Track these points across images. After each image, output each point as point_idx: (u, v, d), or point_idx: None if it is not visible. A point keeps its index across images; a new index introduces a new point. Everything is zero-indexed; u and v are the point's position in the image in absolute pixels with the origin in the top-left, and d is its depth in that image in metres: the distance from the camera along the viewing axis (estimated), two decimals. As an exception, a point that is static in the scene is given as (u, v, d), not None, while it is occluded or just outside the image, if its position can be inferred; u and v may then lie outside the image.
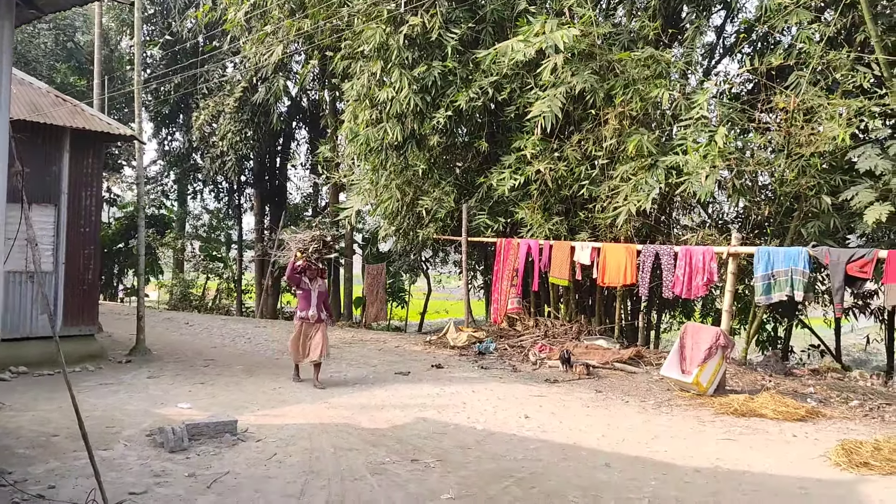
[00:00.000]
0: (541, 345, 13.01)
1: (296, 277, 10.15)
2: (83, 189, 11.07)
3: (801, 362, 17.20)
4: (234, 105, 23.16)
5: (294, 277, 10.16)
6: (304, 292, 10.16)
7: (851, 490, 6.01)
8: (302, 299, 10.19)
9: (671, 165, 12.24)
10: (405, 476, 6.19)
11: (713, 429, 8.15)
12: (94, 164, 11.31)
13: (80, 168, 11.10)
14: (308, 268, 10.12)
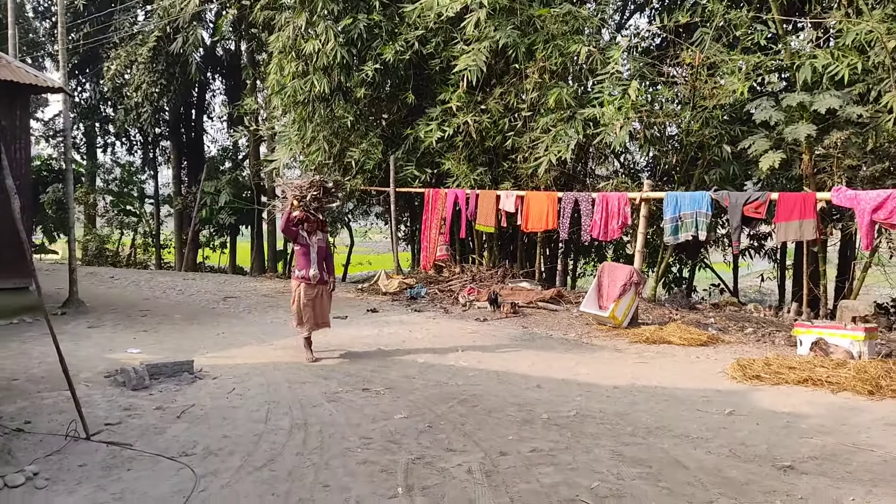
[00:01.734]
0: (469, 288, 13.79)
1: (292, 230, 8.57)
2: (12, 142, 10.96)
3: (703, 299, 18.69)
4: (149, 55, 22.59)
5: (290, 230, 8.58)
6: (303, 248, 8.60)
7: (745, 397, 7.06)
8: (300, 256, 8.65)
9: (588, 117, 13.06)
10: (359, 402, 6.81)
11: (627, 355, 9.15)
12: (23, 118, 11.18)
13: (9, 121, 10.96)
14: (306, 219, 8.58)
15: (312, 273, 8.55)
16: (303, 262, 8.61)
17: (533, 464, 5.15)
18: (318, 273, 8.59)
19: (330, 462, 5.17)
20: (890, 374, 7.18)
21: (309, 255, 8.57)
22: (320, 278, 8.63)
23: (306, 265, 8.58)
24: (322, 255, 8.67)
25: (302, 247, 8.61)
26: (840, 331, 8.76)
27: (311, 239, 8.59)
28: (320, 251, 8.65)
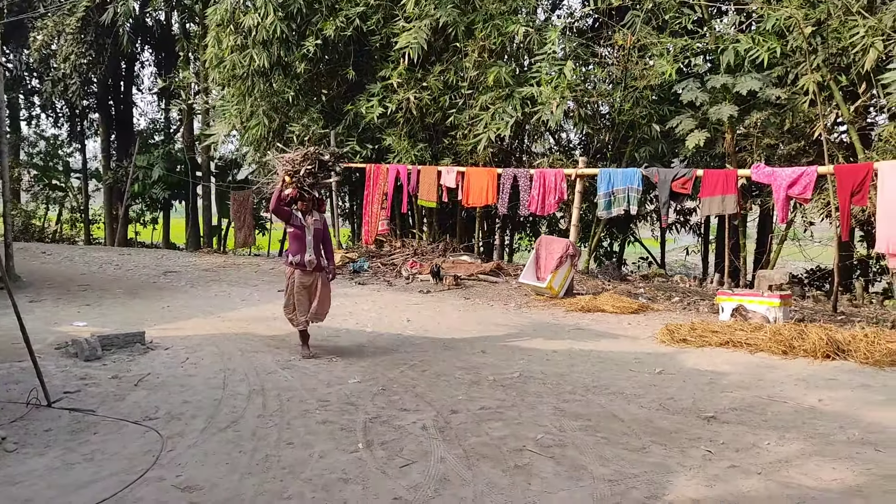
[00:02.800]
0: (412, 261, 14.14)
1: (283, 210, 7.44)
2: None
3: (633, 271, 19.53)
4: (77, 25, 21.89)
5: (281, 210, 7.43)
6: (296, 230, 7.51)
7: (673, 357, 7.65)
8: (293, 240, 7.54)
9: (526, 96, 13.48)
10: (313, 369, 7.09)
11: (565, 322, 9.69)
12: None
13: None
14: (301, 197, 7.51)
15: (308, 259, 7.46)
16: (296, 247, 7.50)
17: (482, 420, 5.55)
18: (315, 259, 7.50)
19: (291, 422, 5.45)
20: (802, 336, 7.87)
21: (304, 239, 7.47)
22: (317, 264, 7.54)
23: (300, 250, 7.48)
24: (319, 238, 7.57)
25: (296, 229, 7.49)
26: (758, 298, 9.48)
27: (306, 220, 7.51)
28: (317, 234, 7.53)
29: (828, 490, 4.31)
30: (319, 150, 7.70)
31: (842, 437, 5.27)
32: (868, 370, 7.21)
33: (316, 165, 7.53)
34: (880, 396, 6.33)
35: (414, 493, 4.18)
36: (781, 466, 4.68)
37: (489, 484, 4.36)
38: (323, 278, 7.66)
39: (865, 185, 9.22)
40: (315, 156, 7.57)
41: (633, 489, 4.30)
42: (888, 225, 8.90)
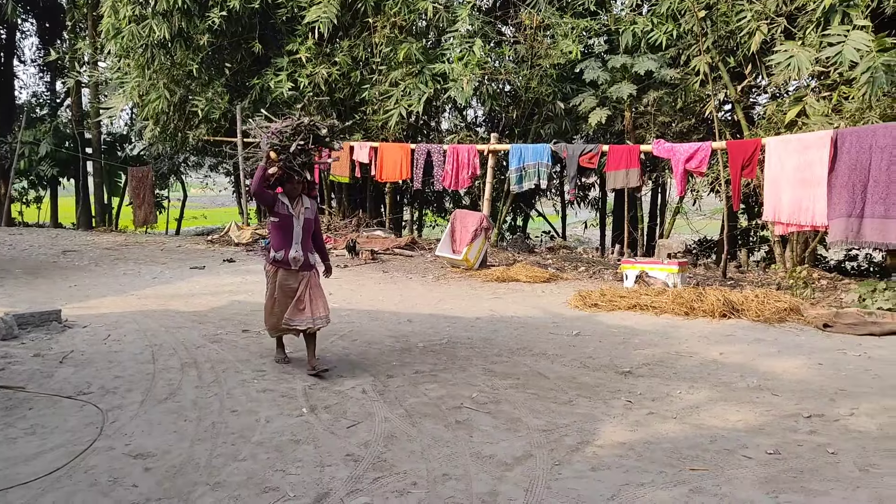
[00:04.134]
0: (326, 237, 14.16)
1: (266, 194, 5.96)
2: None
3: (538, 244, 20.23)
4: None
5: (264, 195, 5.96)
6: (281, 220, 5.98)
7: (587, 320, 8.17)
8: (276, 231, 6.02)
9: (437, 73, 13.70)
10: (242, 342, 7.15)
11: (483, 291, 10.08)
12: None
13: None
14: (288, 178, 5.98)
15: (293, 255, 5.96)
16: (280, 240, 5.98)
17: (419, 382, 5.82)
18: (302, 255, 6.00)
19: (231, 392, 5.54)
20: (700, 298, 8.56)
21: (290, 231, 5.97)
22: (304, 262, 6.04)
23: (285, 244, 5.97)
24: (309, 230, 6.11)
25: (280, 218, 5.97)
26: (658, 265, 10.17)
27: (293, 207, 6.01)
28: (307, 225, 6.06)
29: (735, 429, 4.83)
30: (315, 122, 6.15)
31: (742, 384, 5.86)
32: (760, 326, 7.96)
33: (309, 140, 6.04)
34: (772, 349, 7.03)
35: (365, 450, 4.40)
36: (693, 411, 5.19)
37: (434, 438, 4.63)
38: (312, 278, 6.10)
39: (754, 159, 10.01)
40: (309, 128, 6.06)
41: (565, 437, 4.68)
42: (774, 195, 9.73)
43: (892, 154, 8.55)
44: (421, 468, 4.13)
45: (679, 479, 4.01)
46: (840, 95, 10.65)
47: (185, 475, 4.01)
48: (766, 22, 11.46)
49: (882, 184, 8.65)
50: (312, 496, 3.76)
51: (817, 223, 9.33)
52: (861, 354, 6.85)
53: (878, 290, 9.45)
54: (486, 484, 3.94)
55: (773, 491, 3.87)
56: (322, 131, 6.17)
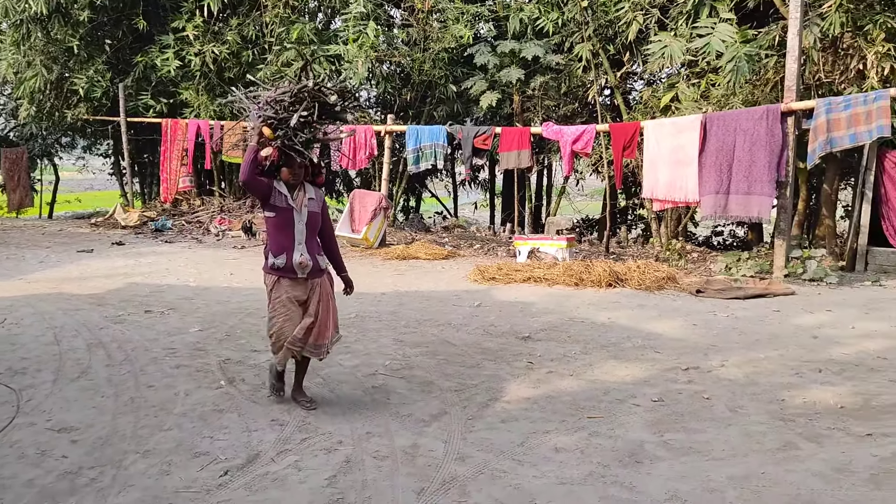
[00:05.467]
0: (220, 218, 14.00)
1: (259, 183, 4.58)
2: None
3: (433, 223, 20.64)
4: None
5: (257, 183, 4.58)
6: (279, 215, 4.60)
7: (487, 293, 8.64)
8: (274, 231, 4.67)
9: (332, 54, 13.77)
10: (147, 322, 7.12)
11: (385, 269, 10.37)
12: None
13: None
14: (288, 161, 4.56)
15: (299, 260, 4.56)
16: (280, 241, 4.59)
17: (333, 353, 6.00)
18: (309, 259, 4.60)
19: (144, 369, 5.59)
20: (589, 270, 9.20)
21: (291, 228, 4.58)
22: (314, 267, 4.64)
23: (286, 246, 4.57)
24: (314, 226, 4.68)
25: (277, 213, 4.58)
26: (549, 241, 10.79)
27: (293, 199, 4.59)
28: (312, 220, 4.65)
29: (624, 382, 5.38)
30: (320, 85, 4.70)
31: (629, 344, 6.47)
32: (642, 294, 8.69)
33: (315, 111, 4.61)
34: (653, 313, 7.73)
35: (289, 415, 4.63)
36: (587, 369, 5.72)
37: (353, 402, 4.92)
38: (324, 286, 4.72)
39: (634, 140, 10.77)
40: (314, 95, 4.62)
41: (475, 395, 5.07)
42: (652, 174, 10.52)
43: (754, 136, 9.47)
44: (345, 428, 4.41)
45: (579, 426, 4.48)
46: (708, 82, 11.58)
47: (113, 445, 4.11)
48: (642, 13, 12.23)
49: (745, 163, 9.56)
50: (244, 457, 3.96)
51: (690, 199, 10.19)
52: (729, 315, 7.65)
53: (742, 260, 10.46)
54: (408, 438, 4.26)
55: (658, 431, 4.40)
56: (331, 98, 4.67)
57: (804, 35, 9.74)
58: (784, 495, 3.55)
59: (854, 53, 10.18)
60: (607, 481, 3.69)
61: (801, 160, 10.72)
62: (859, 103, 8.98)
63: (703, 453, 4.07)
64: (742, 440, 4.27)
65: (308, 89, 4.61)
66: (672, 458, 4.01)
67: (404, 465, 3.88)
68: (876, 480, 3.70)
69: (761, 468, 3.86)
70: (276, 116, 4.53)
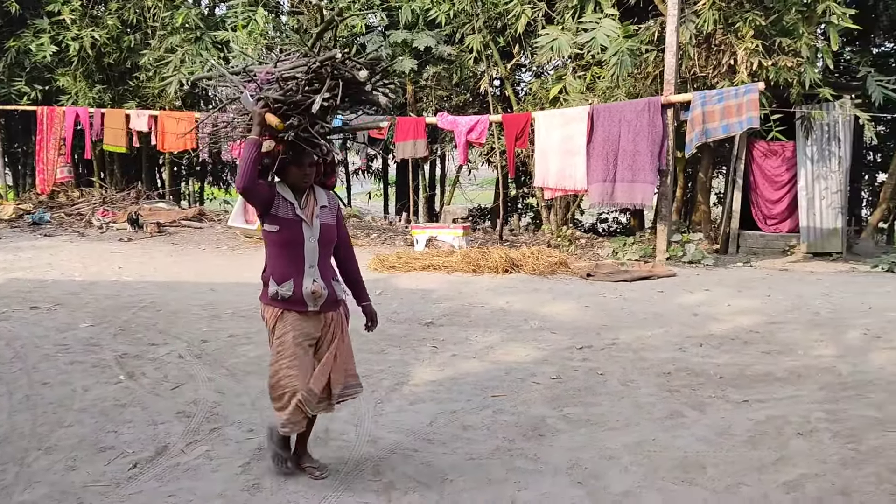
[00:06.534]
0: (102, 210, 13.38)
1: (261, 190, 3.38)
2: None
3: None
4: None
5: (258, 190, 3.36)
6: (284, 228, 3.40)
7: (387, 282, 8.76)
8: (277, 250, 3.47)
9: (220, 40, 13.41)
10: (34, 318, 6.79)
11: (282, 259, 10.27)
12: None
13: None
14: (296, 159, 3.38)
15: (310, 288, 3.43)
16: (285, 264, 3.45)
17: (235, 345, 6.01)
18: (324, 286, 3.48)
19: (37, 366, 5.36)
20: (485, 257, 9.48)
21: (300, 246, 3.43)
22: (329, 297, 3.52)
23: (294, 269, 3.44)
24: (330, 242, 3.55)
25: (282, 226, 3.40)
26: (445, 230, 11.01)
27: (299, 207, 3.43)
28: (326, 235, 3.50)
29: (524, 362, 5.64)
30: (345, 58, 3.39)
31: (527, 326, 6.75)
32: (536, 278, 9.05)
33: (338, 91, 3.34)
34: (548, 296, 8.07)
35: (195, 407, 4.59)
36: (489, 351, 5.95)
37: (261, 392, 4.89)
38: (339, 322, 3.64)
39: (526, 131, 11.13)
40: (337, 71, 3.35)
41: (383, 380, 5.19)
42: (543, 164, 10.91)
43: (637, 127, 10.00)
44: (255, 417, 4.42)
45: (484, 405, 4.68)
46: (593, 75, 12.10)
47: (13, 443, 3.97)
48: (530, 6, 12.60)
49: (629, 153, 10.09)
50: (152, 450, 3.91)
51: (578, 188, 10.65)
52: (618, 297, 8.10)
53: (628, 245, 11.05)
54: (319, 424, 4.31)
55: (558, 406, 4.66)
56: (361, 73, 3.41)
57: (681, 31, 10.36)
58: (673, 458, 3.87)
59: (726, 49, 10.90)
60: (513, 454, 3.90)
61: (680, 150, 11.43)
62: (731, 96, 9.66)
63: (599, 424, 4.36)
64: (634, 411, 4.59)
65: (331, 62, 3.30)
66: (572, 430, 4.27)
67: (317, 450, 3.94)
68: (753, 441, 4.08)
69: (652, 435, 4.18)
70: (286, 99, 3.25)
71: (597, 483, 3.59)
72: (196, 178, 19.49)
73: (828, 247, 11.78)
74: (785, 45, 10.60)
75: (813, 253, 11.67)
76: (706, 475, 3.68)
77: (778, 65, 10.51)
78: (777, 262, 11.10)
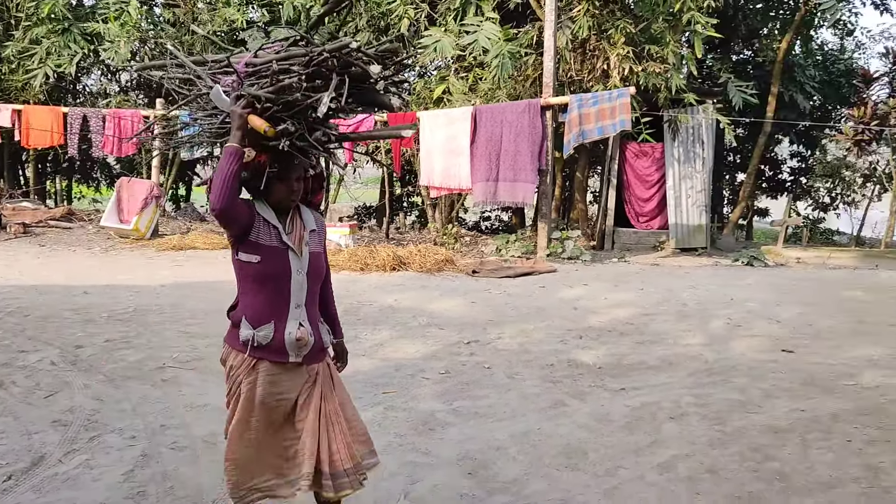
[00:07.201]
0: (-43, 211, 12.40)
1: (241, 210, 2.53)
2: None
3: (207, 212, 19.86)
4: None
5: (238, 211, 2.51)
6: (267, 259, 2.56)
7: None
8: (254, 285, 2.60)
9: (92, 32, 12.74)
10: None
11: (162, 260, 9.91)
12: None
13: None
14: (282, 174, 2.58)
15: (295, 334, 2.60)
16: (263, 303, 2.60)
17: (113, 349, 5.77)
18: (311, 332, 2.65)
19: None
20: (373, 255, 9.52)
21: (286, 280, 2.61)
22: (316, 344, 2.68)
23: (275, 309, 2.61)
24: (318, 276, 2.73)
25: (264, 256, 2.57)
26: (332, 228, 10.95)
27: (288, 231, 2.64)
28: (314, 267, 2.69)
29: (414, 358, 5.74)
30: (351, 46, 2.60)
31: (415, 323, 6.85)
32: (424, 276, 9.17)
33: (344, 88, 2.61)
34: (436, 293, 8.21)
35: (72, 415, 4.39)
36: (379, 348, 6.01)
37: (143, 396, 4.76)
38: (327, 375, 2.77)
39: (411, 130, 11.21)
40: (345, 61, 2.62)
41: (271, 381, 5.13)
42: (428, 163, 11.07)
43: (518, 128, 10.33)
44: (137, 423, 4.28)
45: (375, 402, 4.74)
46: (475, 76, 12.36)
47: None
48: (413, 7, 12.70)
49: (511, 153, 10.40)
50: (28, 461, 3.73)
51: (463, 186, 10.87)
52: (502, 292, 8.35)
53: (511, 242, 11.38)
54: (206, 428, 4.24)
55: (447, 400, 4.78)
56: (373, 68, 2.68)
57: (558, 36, 10.78)
58: (557, 446, 4.06)
59: (600, 55, 11.42)
60: (406, 449, 3.98)
61: (558, 150, 11.88)
62: (605, 100, 10.15)
63: (487, 416, 4.51)
64: (520, 402, 4.78)
65: (341, 50, 2.58)
66: (461, 422, 4.39)
67: (206, 454, 3.87)
68: (629, 427, 4.35)
69: (537, 425, 4.37)
70: (278, 98, 2.49)
71: (486, 472, 3.73)
72: (63, 176, 18.36)
73: (694, 242, 12.58)
74: (653, 52, 11.22)
75: (681, 248, 12.43)
76: (588, 460, 3.89)
77: (647, 70, 11.12)
78: (649, 257, 11.76)
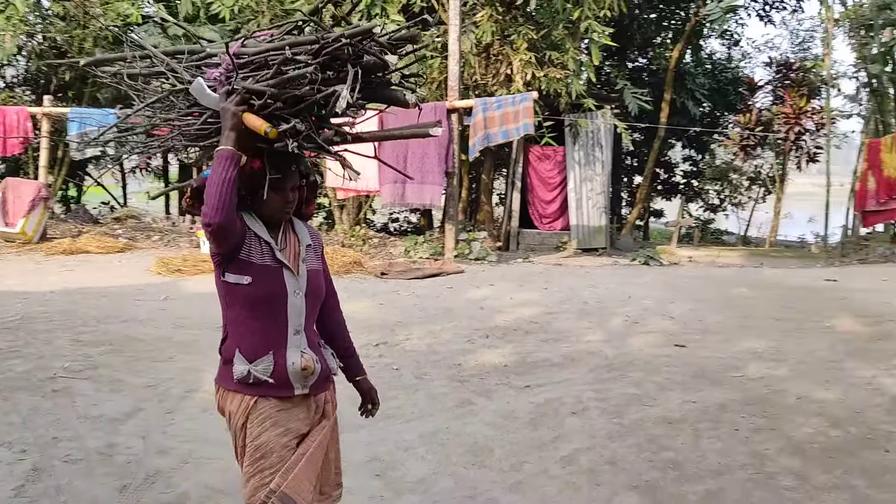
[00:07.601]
0: None
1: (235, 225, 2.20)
2: None
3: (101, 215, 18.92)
4: None
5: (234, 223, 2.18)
6: (260, 279, 2.24)
7: (174, 286, 8.33)
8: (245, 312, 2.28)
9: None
10: None
11: (50, 265, 9.40)
12: None
13: None
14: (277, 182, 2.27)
15: (299, 364, 2.28)
16: (258, 332, 2.28)
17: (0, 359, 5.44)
18: (315, 359, 2.35)
19: None
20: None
21: (282, 305, 2.29)
22: (322, 372, 2.39)
23: (272, 338, 2.28)
24: (317, 297, 2.43)
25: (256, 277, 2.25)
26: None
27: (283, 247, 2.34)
28: (313, 287, 2.39)
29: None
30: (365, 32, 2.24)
31: (322, 326, 6.77)
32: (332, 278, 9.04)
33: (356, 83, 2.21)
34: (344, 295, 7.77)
35: (-48, 432, 4.12)
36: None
37: (33, 408, 4.51)
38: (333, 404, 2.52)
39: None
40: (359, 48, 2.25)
41: (171, 389, 4.97)
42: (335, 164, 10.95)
43: (425, 130, 10.37)
44: (27, 436, 4.06)
45: (281, 406, 4.65)
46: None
47: None
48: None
49: (418, 155, 10.45)
50: None
51: (371, 188, 10.83)
52: (410, 294, 8.37)
53: (419, 243, 11.43)
54: (101, 439, 4.07)
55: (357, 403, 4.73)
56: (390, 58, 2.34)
57: (462, 40, 10.90)
58: (464, 444, 4.12)
59: (503, 60, 11.64)
60: (313, 452, 3.93)
61: (464, 153, 12.02)
62: (509, 104, 10.34)
63: (396, 417, 4.52)
64: (428, 402, 4.81)
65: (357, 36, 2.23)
66: (370, 425, 4.32)
67: (101, 466, 3.72)
68: (534, 423, 4.46)
69: (445, 424, 4.42)
70: (280, 93, 2.15)
71: (394, 474, 3.74)
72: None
73: (594, 243, 12.99)
74: (554, 59, 11.52)
75: (582, 249, 12.80)
76: (494, 457, 3.97)
77: (548, 76, 11.41)
78: (552, 257, 12.06)
